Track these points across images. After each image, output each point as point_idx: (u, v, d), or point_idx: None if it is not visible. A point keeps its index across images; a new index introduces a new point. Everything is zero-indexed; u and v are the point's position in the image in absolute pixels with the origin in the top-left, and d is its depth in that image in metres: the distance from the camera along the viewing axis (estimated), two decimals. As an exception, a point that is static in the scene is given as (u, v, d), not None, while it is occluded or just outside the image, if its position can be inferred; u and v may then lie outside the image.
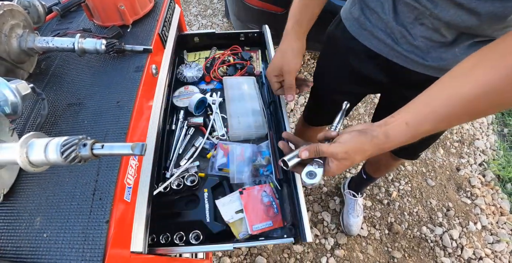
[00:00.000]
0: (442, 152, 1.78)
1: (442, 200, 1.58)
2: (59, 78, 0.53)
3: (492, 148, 1.85)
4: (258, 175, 0.68)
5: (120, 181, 0.38)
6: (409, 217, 1.50)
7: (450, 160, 1.75)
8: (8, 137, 0.40)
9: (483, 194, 1.62)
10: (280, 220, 0.62)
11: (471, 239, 1.45)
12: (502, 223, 1.53)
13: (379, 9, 0.64)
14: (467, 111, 0.40)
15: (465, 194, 1.62)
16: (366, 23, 0.69)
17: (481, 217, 1.53)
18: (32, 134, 0.29)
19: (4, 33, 0.50)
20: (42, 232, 0.35)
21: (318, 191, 1.55)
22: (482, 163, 1.76)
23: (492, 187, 1.66)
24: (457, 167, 1.73)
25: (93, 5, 0.58)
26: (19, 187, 0.40)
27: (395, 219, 1.48)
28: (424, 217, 1.50)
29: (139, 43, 0.55)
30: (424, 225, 1.48)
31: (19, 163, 0.27)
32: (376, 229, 1.44)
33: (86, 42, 0.50)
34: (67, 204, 0.36)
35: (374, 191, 1.57)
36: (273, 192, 0.65)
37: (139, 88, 0.47)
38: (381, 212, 1.50)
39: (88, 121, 0.44)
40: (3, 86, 0.41)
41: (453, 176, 1.69)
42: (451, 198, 1.59)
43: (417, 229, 1.46)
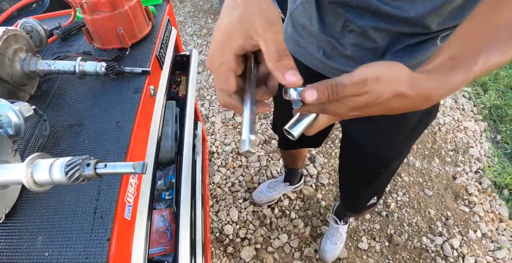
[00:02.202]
0: (437, 161, 1.80)
1: (440, 210, 1.58)
2: (60, 100, 0.55)
3: (486, 155, 1.87)
4: (160, 199, 0.67)
5: (120, 200, 0.39)
6: (408, 228, 1.49)
7: (446, 169, 1.77)
8: (11, 157, 0.41)
9: (480, 201, 1.63)
10: (173, 245, 0.59)
11: (472, 248, 1.45)
12: (502, 229, 1.53)
13: (308, 23, 0.62)
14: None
15: (463, 202, 1.62)
16: (299, 40, 0.66)
17: (481, 225, 1.52)
18: (37, 154, 0.30)
19: (7, 57, 0.53)
20: (43, 251, 0.36)
21: (316, 205, 1.56)
22: (478, 171, 1.78)
23: (489, 194, 1.66)
24: (453, 175, 1.75)
25: (93, 30, 0.61)
26: (20, 206, 0.41)
27: (395, 230, 1.48)
28: (423, 227, 1.50)
29: (137, 65, 0.57)
30: (424, 236, 1.47)
31: (24, 182, 0.29)
32: (376, 242, 1.44)
33: (87, 65, 0.53)
34: (69, 223, 0.37)
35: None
36: (173, 216, 0.63)
37: (138, 108, 0.49)
38: (380, 224, 1.49)
39: (89, 141, 0.45)
40: (7, 108, 0.42)
41: (450, 185, 1.70)
42: (449, 207, 1.60)
43: (417, 239, 1.46)
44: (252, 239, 1.41)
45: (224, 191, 1.58)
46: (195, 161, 1.08)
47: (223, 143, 1.80)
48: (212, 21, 2.80)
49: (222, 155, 1.74)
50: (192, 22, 2.82)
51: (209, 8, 2.99)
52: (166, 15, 0.76)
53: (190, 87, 0.80)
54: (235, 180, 1.63)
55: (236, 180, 1.63)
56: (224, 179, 1.64)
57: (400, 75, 0.31)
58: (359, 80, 0.29)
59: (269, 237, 1.42)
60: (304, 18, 0.61)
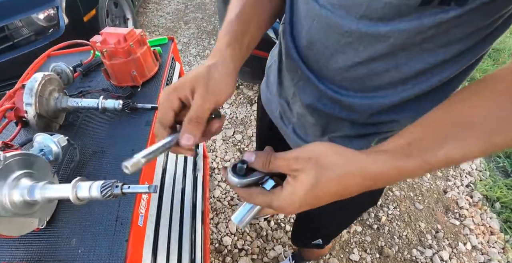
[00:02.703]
0: (428, 176, 1.87)
1: (430, 223, 1.64)
2: (84, 130, 0.68)
3: (478, 169, 1.93)
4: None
5: (135, 211, 0.51)
6: (399, 240, 1.57)
7: (437, 183, 1.84)
8: (51, 178, 0.54)
9: (471, 214, 1.68)
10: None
11: (461, 260, 1.50)
12: (493, 242, 1.58)
13: (272, 81, 0.63)
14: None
15: (454, 215, 1.68)
16: (268, 95, 0.67)
17: (471, 237, 1.58)
18: (78, 178, 0.43)
19: (45, 97, 0.66)
20: (77, 248, 0.48)
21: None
22: (469, 185, 1.83)
23: (480, 207, 1.71)
24: (444, 189, 1.81)
25: (111, 71, 0.75)
26: (57, 215, 0.53)
27: (385, 243, 1.55)
28: (413, 240, 1.57)
29: (147, 102, 0.70)
30: (414, 248, 1.54)
31: (71, 198, 0.41)
32: (367, 254, 1.51)
33: (107, 102, 0.66)
34: (96, 228, 0.49)
35: (364, 217, 1.65)
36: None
37: (149, 139, 0.62)
38: (371, 236, 1.57)
39: (110, 165, 0.58)
40: (49, 141, 0.56)
41: (441, 199, 1.76)
42: (440, 220, 1.66)
43: (407, 252, 1.52)
44: (249, 250, 1.49)
45: (223, 204, 1.68)
46: (196, 177, 1.20)
47: (223, 159, 1.92)
48: (215, 42, 2.95)
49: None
50: (196, 43, 2.97)
51: (212, 29, 3.12)
52: (171, 54, 0.90)
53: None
54: (234, 195, 1.72)
55: (235, 195, 1.72)
56: (224, 193, 1.74)
57: (336, 156, 0.31)
58: (290, 157, 0.32)
59: (265, 248, 1.51)
60: (272, 76, 0.64)
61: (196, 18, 3.31)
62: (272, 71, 0.64)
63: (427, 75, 0.41)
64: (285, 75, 0.58)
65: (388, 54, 0.40)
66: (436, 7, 0.33)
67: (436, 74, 0.41)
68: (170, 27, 3.21)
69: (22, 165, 0.48)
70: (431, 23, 0.35)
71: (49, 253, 0.49)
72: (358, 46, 0.41)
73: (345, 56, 0.43)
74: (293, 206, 0.32)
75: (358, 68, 0.44)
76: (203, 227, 1.18)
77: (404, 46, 0.38)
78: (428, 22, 0.35)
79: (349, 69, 0.44)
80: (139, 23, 3.26)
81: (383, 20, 0.37)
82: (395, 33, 0.37)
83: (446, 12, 0.34)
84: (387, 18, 0.37)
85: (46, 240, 0.50)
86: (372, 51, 0.41)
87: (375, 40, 0.39)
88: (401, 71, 0.41)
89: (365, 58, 0.42)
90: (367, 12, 0.37)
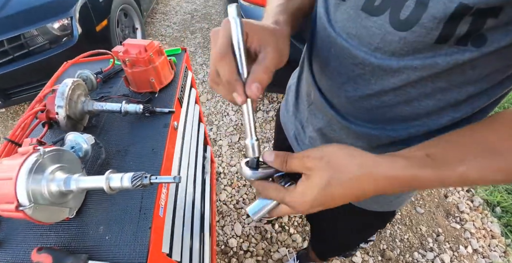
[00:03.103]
0: (429, 181, 1.91)
1: (431, 226, 1.67)
2: (107, 131, 0.75)
3: None
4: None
5: (156, 203, 0.57)
6: (400, 243, 1.60)
7: (437, 188, 1.88)
8: (81, 172, 0.60)
9: (472, 218, 1.70)
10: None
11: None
12: (494, 245, 1.60)
13: (290, 102, 0.65)
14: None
15: (454, 219, 1.70)
16: (285, 114, 0.69)
17: (472, 241, 1.60)
18: (111, 171, 0.49)
19: (74, 100, 0.73)
20: (105, 235, 0.53)
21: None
22: (470, 189, 1.85)
23: (481, 211, 1.73)
24: (445, 194, 1.84)
25: (131, 78, 0.82)
26: (85, 207, 0.59)
27: (387, 246, 1.58)
28: (415, 243, 1.60)
29: (164, 106, 0.77)
30: (415, 251, 1.56)
31: (105, 188, 0.47)
32: (370, 256, 1.54)
33: (129, 106, 0.73)
34: (122, 217, 0.55)
35: (366, 220, 1.69)
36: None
37: (167, 139, 0.68)
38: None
39: (133, 162, 0.64)
40: (80, 139, 0.62)
41: (442, 203, 1.79)
42: (441, 224, 1.68)
43: (409, 254, 1.55)
44: (254, 251, 1.53)
45: (229, 207, 1.73)
46: (205, 179, 1.25)
47: (229, 164, 1.97)
48: (220, 52, 3.04)
49: (228, 175, 1.90)
50: (202, 52, 3.04)
51: None
52: (184, 63, 0.97)
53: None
54: (240, 198, 1.77)
55: (240, 198, 1.77)
56: (229, 197, 1.79)
57: (349, 159, 0.32)
58: (304, 155, 0.35)
59: (270, 250, 1.55)
60: (290, 97, 0.66)
61: (202, 28, 3.41)
62: (290, 92, 0.66)
63: (439, 113, 0.41)
64: (302, 98, 0.59)
65: (399, 89, 0.40)
66: (453, 46, 0.33)
67: (448, 113, 0.40)
68: (177, 37, 3.32)
69: (57, 159, 0.54)
70: (445, 63, 0.34)
71: (78, 239, 0.54)
72: (370, 78, 0.41)
73: (356, 86, 0.44)
74: (304, 204, 0.34)
75: (369, 100, 0.43)
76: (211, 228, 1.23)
77: (417, 82, 0.38)
78: (443, 62, 0.34)
79: (360, 99, 0.44)
80: (147, 33, 3.37)
81: (397, 55, 0.36)
82: (408, 69, 0.37)
83: (462, 52, 0.33)
84: (400, 53, 0.36)
85: (75, 228, 0.56)
86: (384, 85, 0.40)
87: (387, 74, 0.39)
88: (412, 107, 0.41)
89: (376, 91, 0.42)
90: (381, 45, 0.37)
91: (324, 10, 0.44)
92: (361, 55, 0.40)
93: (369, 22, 0.37)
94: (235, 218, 1.68)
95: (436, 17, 0.31)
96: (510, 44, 0.31)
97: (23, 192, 0.47)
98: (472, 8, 0.29)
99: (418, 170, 0.32)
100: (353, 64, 0.42)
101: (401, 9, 0.33)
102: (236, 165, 1.96)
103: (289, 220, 1.67)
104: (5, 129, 2.42)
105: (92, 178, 0.50)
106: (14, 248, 0.56)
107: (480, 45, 0.32)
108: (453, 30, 0.31)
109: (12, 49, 1.93)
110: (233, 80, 0.33)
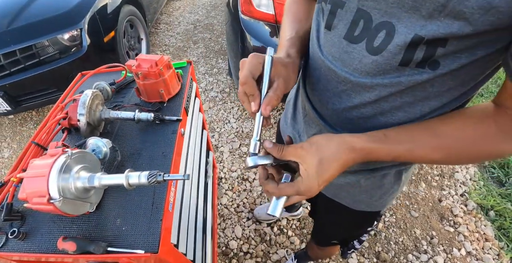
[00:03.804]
0: (424, 186, 1.95)
1: (426, 230, 1.72)
2: (122, 137, 0.83)
3: (472, 180, 2.00)
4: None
5: (167, 199, 0.65)
6: (395, 246, 1.65)
7: (432, 192, 1.92)
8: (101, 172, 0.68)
9: (466, 222, 1.75)
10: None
11: (455, 265, 1.57)
12: (488, 248, 1.64)
13: (289, 114, 0.71)
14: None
15: (448, 223, 1.75)
16: (284, 125, 0.75)
17: (465, 244, 1.65)
18: (129, 170, 0.57)
19: (93, 109, 0.81)
20: (121, 226, 0.61)
21: (311, 224, 1.71)
22: (464, 194, 1.91)
23: (475, 215, 1.78)
24: (439, 198, 1.88)
25: (143, 89, 0.91)
26: (103, 203, 0.67)
27: (382, 248, 1.63)
28: (409, 246, 1.65)
29: (172, 115, 0.86)
30: (410, 253, 1.62)
31: (124, 184, 0.55)
32: (365, 258, 1.59)
33: (142, 114, 0.81)
34: (137, 210, 0.63)
35: (362, 223, 1.74)
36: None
37: (175, 144, 0.77)
38: (368, 242, 1.65)
39: (145, 164, 0.72)
40: (100, 142, 0.70)
41: (436, 207, 1.83)
42: (435, 227, 1.73)
43: (403, 257, 1.60)
44: (253, 253, 1.59)
45: (230, 211, 1.79)
46: (207, 183, 1.33)
47: (230, 170, 2.04)
48: (222, 61, 3.12)
49: (229, 180, 1.97)
50: (204, 62, 3.10)
51: (220, 49, 3.27)
52: (190, 75, 1.06)
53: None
54: (240, 202, 1.84)
55: (240, 202, 1.84)
56: (230, 201, 1.85)
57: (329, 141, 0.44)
58: (297, 146, 0.45)
59: (269, 252, 1.61)
60: (289, 109, 0.73)
61: (205, 38, 3.51)
62: (289, 106, 0.73)
63: (408, 123, 0.48)
64: (298, 110, 0.67)
65: (375, 102, 0.48)
66: (413, 68, 0.41)
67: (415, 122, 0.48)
68: (180, 47, 3.41)
69: (82, 160, 0.62)
70: (407, 81, 0.43)
71: (98, 230, 0.62)
72: (351, 93, 0.49)
73: (341, 100, 0.52)
74: (315, 185, 0.43)
75: (350, 111, 0.52)
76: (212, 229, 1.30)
77: (388, 97, 0.46)
78: (406, 80, 0.43)
79: (343, 111, 0.53)
80: (151, 43, 3.48)
81: (370, 74, 0.45)
82: (379, 86, 0.45)
83: (421, 73, 0.41)
84: (373, 73, 0.45)
85: (95, 220, 0.64)
86: (362, 99, 0.49)
87: (364, 90, 0.47)
88: (386, 118, 0.49)
89: (356, 104, 0.50)
90: (358, 66, 0.46)
91: (316, 36, 0.53)
92: (343, 74, 0.48)
93: (350, 48, 0.46)
94: (235, 221, 1.74)
95: (399, 45, 0.40)
96: (459, 67, 0.39)
97: (54, 187, 0.55)
98: (424, 39, 0.37)
99: (373, 144, 0.44)
100: (337, 81, 0.50)
101: (374, 39, 0.42)
102: (236, 170, 2.03)
103: (288, 223, 1.73)
104: (14, 134, 2.51)
105: (113, 176, 0.58)
106: (39, 238, 0.64)
107: (435, 68, 0.40)
108: (412, 55, 0.40)
109: (23, 58, 2.03)
110: (255, 94, 0.46)
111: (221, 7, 4.11)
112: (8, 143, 2.45)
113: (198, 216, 0.96)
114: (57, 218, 0.66)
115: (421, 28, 0.37)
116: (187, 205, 0.82)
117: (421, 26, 0.37)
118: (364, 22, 0.43)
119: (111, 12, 2.45)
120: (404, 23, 0.39)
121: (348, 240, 0.93)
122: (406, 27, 0.39)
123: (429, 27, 0.37)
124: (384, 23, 0.41)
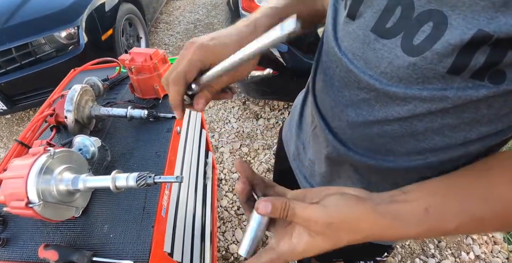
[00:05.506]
0: (430, 187, 1.92)
1: (433, 233, 1.68)
2: (113, 135, 0.78)
3: None
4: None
5: (159, 203, 0.59)
6: (401, 250, 1.59)
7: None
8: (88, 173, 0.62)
9: (473, 225, 1.72)
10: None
11: (464, 269, 1.52)
12: (497, 252, 1.58)
13: (294, 123, 0.64)
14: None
15: (455, 226, 1.72)
16: (287, 134, 0.69)
17: (474, 247, 1.59)
18: (117, 171, 0.51)
19: (81, 105, 0.76)
20: (109, 233, 0.56)
21: None
22: (471, 197, 1.88)
23: (483, 218, 1.75)
24: (446, 201, 1.86)
25: (136, 85, 0.85)
26: (90, 207, 0.61)
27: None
28: (416, 250, 1.60)
29: (167, 112, 0.80)
30: (417, 257, 1.56)
31: (111, 187, 0.49)
32: (371, 262, 1.54)
33: (134, 112, 0.76)
34: (126, 216, 0.57)
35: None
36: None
37: (170, 143, 0.71)
38: (374, 245, 1.60)
39: (137, 165, 0.67)
40: (87, 141, 0.65)
41: (443, 210, 1.80)
42: (442, 230, 1.69)
43: (410, 261, 1.55)
44: (255, 257, 1.54)
45: (230, 214, 1.74)
46: (206, 185, 1.27)
47: (230, 171, 1.99)
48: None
49: (230, 182, 1.92)
50: None
51: None
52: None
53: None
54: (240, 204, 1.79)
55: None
56: (231, 203, 1.80)
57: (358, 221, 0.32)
58: (311, 217, 0.32)
59: (271, 256, 1.55)
60: (295, 116, 0.64)
61: (205, 37, 3.48)
62: (295, 112, 0.64)
63: (445, 150, 0.37)
64: (306, 118, 0.58)
65: (405, 120, 0.36)
66: (467, 80, 0.29)
67: (454, 151, 0.37)
68: (180, 46, 3.39)
69: (66, 160, 0.57)
70: (456, 97, 0.31)
71: (84, 237, 0.57)
72: (375, 104, 0.38)
73: (359, 111, 0.40)
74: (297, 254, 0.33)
75: (371, 127, 0.40)
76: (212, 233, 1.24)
77: (424, 116, 0.35)
78: (454, 96, 0.31)
79: (361, 126, 0.41)
80: (151, 42, 3.45)
81: (404, 82, 0.33)
82: (415, 100, 0.33)
83: (477, 88, 0.29)
84: (409, 80, 0.33)
85: (81, 226, 0.58)
86: (388, 113, 0.37)
87: (393, 101, 0.36)
88: (417, 141, 0.38)
89: (379, 118, 0.38)
90: (387, 70, 0.34)
91: (332, 27, 0.42)
92: (365, 78, 0.37)
93: (378, 44, 0.34)
94: (236, 224, 1.69)
95: (451, 43, 0.28)
96: None
97: (33, 190, 0.49)
98: (492, 37, 0.26)
99: (411, 229, 0.32)
100: (357, 87, 0.39)
101: (415, 34, 0.31)
102: (237, 172, 1.97)
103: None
104: (10, 134, 2.46)
105: (99, 177, 0.52)
106: (21, 245, 0.59)
107: (498, 81, 0.28)
108: (468, 60, 0.28)
109: (19, 56, 1.99)
110: (176, 102, 0.39)
111: (221, 7, 4.08)
112: (4, 143, 2.41)
113: (196, 221, 0.90)
114: (41, 224, 0.61)
115: (488, 22, 0.26)
116: (183, 209, 0.76)
117: (489, 19, 0.26)
118: (402, 10, 0.31)
119: (109, 10, 2.41)
120: (462, 13, 0.27)
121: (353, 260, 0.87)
122: (465, 20, 0.27)
123: (502, 20, 0.25)
124: (432, 12, 0.29)
